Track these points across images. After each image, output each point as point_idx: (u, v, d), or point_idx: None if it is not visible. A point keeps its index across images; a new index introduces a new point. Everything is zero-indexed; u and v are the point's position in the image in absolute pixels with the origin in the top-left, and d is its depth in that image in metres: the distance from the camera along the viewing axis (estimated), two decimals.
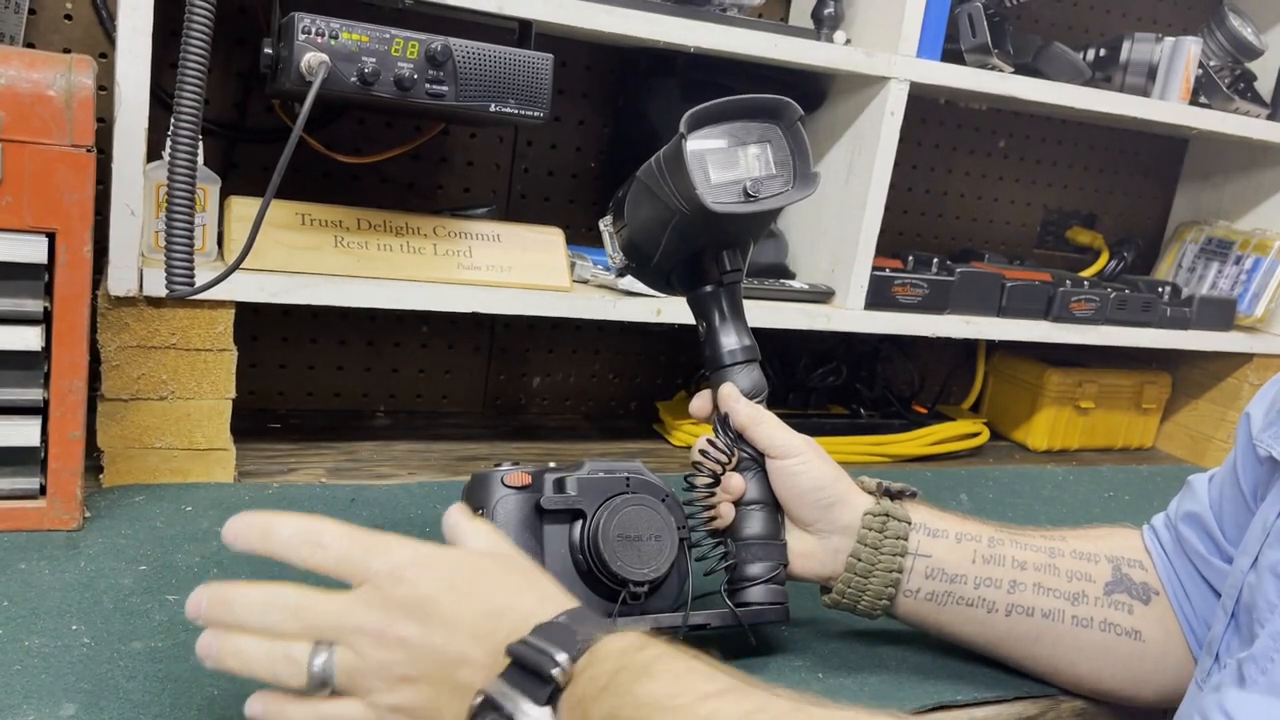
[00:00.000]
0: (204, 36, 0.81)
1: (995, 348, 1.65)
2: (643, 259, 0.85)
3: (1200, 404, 1.68)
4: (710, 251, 0.83)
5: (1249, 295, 1.59)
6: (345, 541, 0.58)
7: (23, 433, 0.85)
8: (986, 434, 1.54)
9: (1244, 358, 1.62)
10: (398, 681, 0.55)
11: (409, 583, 0.56)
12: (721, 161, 0.79)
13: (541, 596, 0.57)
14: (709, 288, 0.84)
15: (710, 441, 0.82)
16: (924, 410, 1.55)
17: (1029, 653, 0.82)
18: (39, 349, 0.83)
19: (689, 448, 1.35)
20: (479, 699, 0.52)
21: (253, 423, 1.19)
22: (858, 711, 0.50)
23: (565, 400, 1.46)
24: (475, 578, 0.57)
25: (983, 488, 1.36)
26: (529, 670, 0.52)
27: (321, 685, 0.55)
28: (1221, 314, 1.56)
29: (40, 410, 0.85)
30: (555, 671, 0.51)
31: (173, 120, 0.83)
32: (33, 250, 0.82)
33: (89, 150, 0.81)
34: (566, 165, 1.37)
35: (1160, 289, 1.54)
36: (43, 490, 0.87)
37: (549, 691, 0.51)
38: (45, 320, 0.84)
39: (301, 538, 0.59)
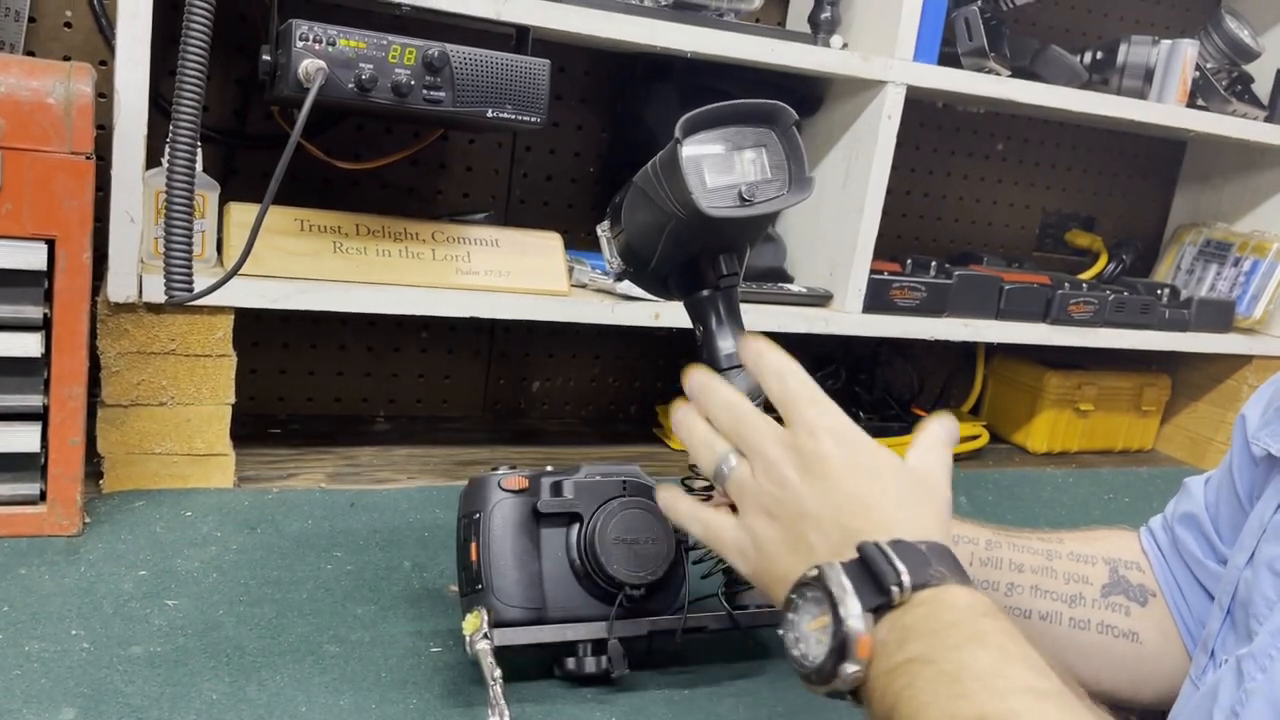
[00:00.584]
0: (203, 43, 0.81)
1: (994, 350, 1.65)
2: (640, 264, 0.85)
3: (1200, 406, 1.68)
4: (706, 256, 0.83)
5: (1248, 297, 1.59)
6: (801, 387, 0.63)
7: (23, 439, 0.85)
8: (986, 436, 1.54)
9: (1243, 359, 1.62)
10: (762, 511, 0.60)
11: (819, 442, 0.59)
12: (717, 166, 0.80)
13: (917, 520, 0.57)
14: (706, 292, 0.84)
15: None
16: (923, 413, 1.55)
17: None
18: (39, 355, 0.84)
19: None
20: (813, 572, 0.54)
21: (253, 428, 1.19)
22: None
23: (565, 404, 1.46)
24: (874, 468, 0.59)
25: (982, 490, 1.36)
26: (870, 573, 0.53)
27: (717, 479, 0.63)
28: (1220, 316, 1.56)
29: (40, 416, 0.86)
30: (894, 588, 0.51)
31: (172, 127, 0.84)
32: (32, 257, 0.82)
33: (88, 157, 0.82)
34: (565, 170, 1.37)
35: (1159, 291, 1.54)
36: (43, 496, 0.88)
37: (880, 603, 0.52)
38: (45, 326, 0.84)
39: (776, 367, 0.65)
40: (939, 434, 0.65)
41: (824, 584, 0.53)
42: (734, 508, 0.63)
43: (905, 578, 0.52)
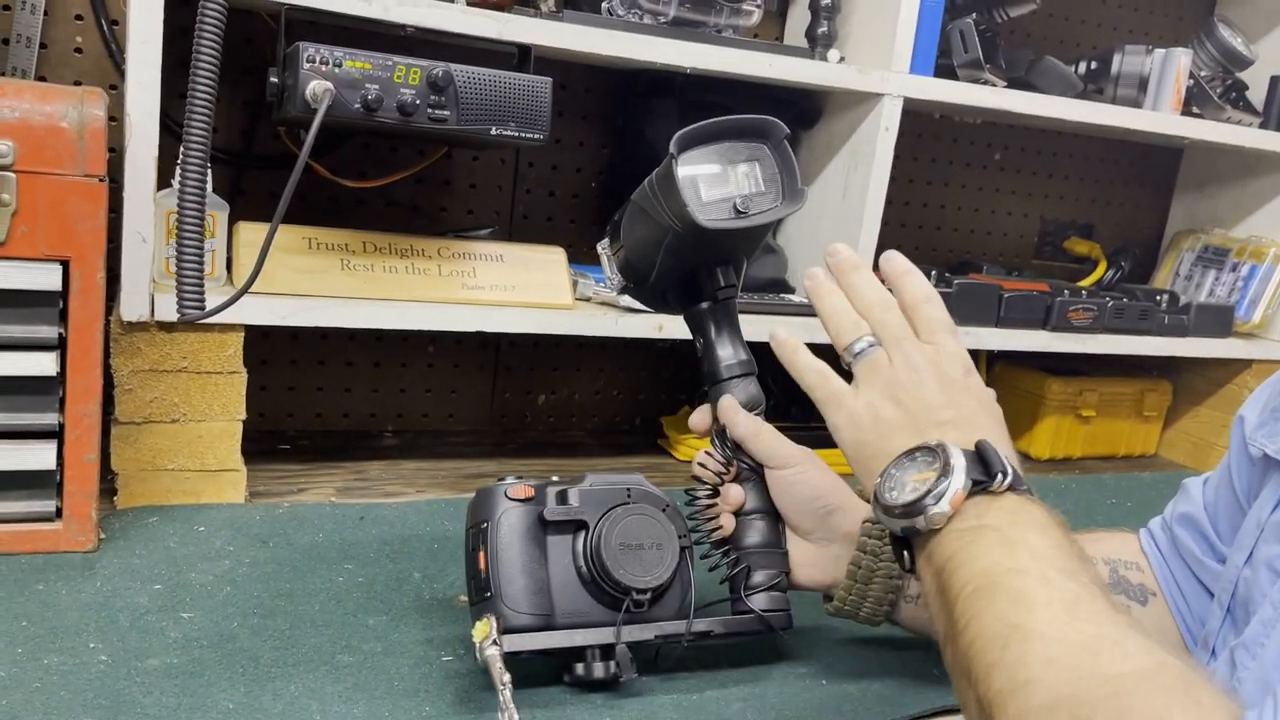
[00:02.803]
0: (213, 67, 0.83)
1: (995, 358, 1.67)
2: (640, 278, 0.87)
3: (1201, 410, 1.69)
4: (704, 269, 0.85)
5: (1246, 301, 1.60)
6: (942, 313, 0.71)
7: (39, 456, 0.87)
8: None
9: (1243, 364, 1.63)
10: (891, 397, 0.68)
11: (957, 370, 0.69)
12: (712, 180, 0.81)
13: (1013, 455, 0.64)
14: (704, 304, 0.86)
15: (709, 454, 0.83)
16: None
17: None
18: (54, 374, 0.86)
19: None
20: (935, 442, 0.62)
21: (262, 444, 1.21)
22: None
23: (570, 417, 1.48)
24: (994, 413, 0.69)
25: None
26: (983, 460, 0.60)
27: (849, 351, 0.71)
28: (1219, 321, 1.57)
29: (56, 434, 0.87)
30: (999, 474, 0.59)
31: (183, 149, 0.86)
32: (48, 278, 0.84)
33: (101, 180, 0.84)
34: (567, 186, 1.39)
35: (1158, 297, 1.55)
36: (59, 513, 0.89)
37: (982, 481, 0.59)
38: (60, 346, 0.86)
39: (927, 290, 0.72)
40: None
41: (943, 451, 0.60)
42: (848, 378, 0.71)
43: (1009, 472, 0.60)
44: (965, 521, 0.58)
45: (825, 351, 1.37)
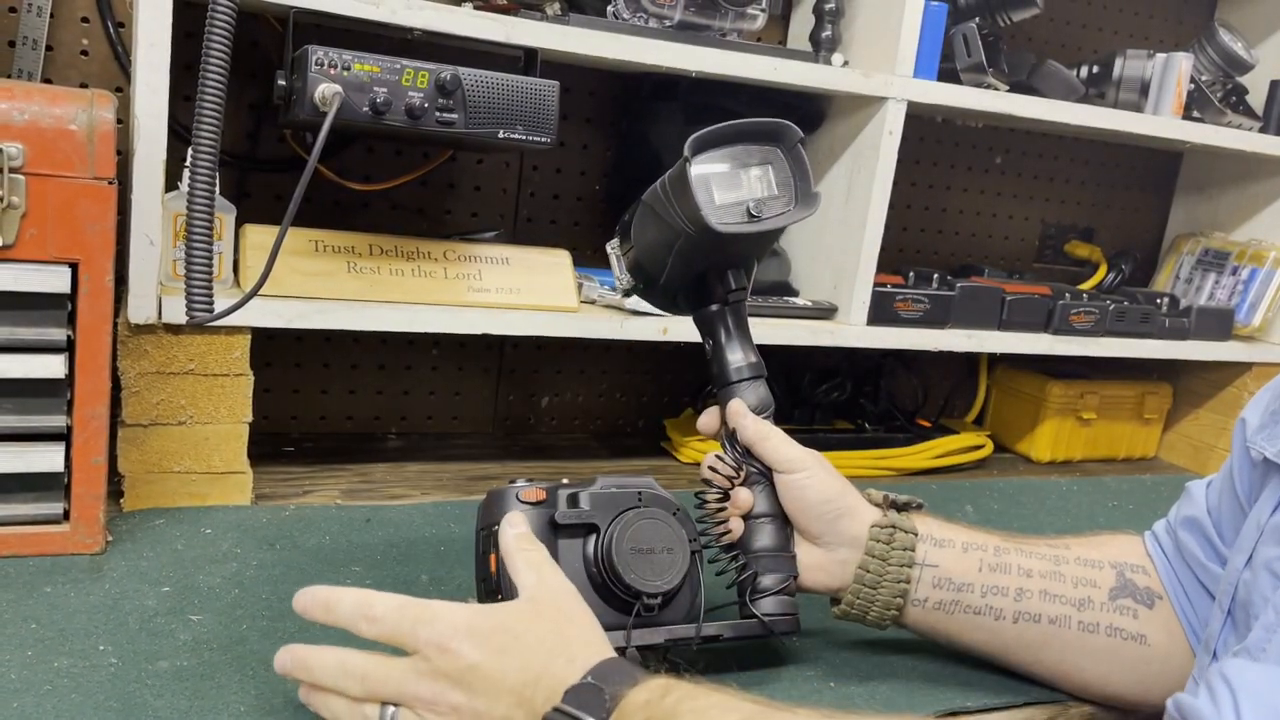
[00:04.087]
0: (222, 70, 0.83)
1: (997, 361, 1.67)
2: (649, 280, 0.87)
3: (1202, 413, 1.70)
4: (715, 271, 0.86)
5: (1246, 305, 1.61)
6: (395, 615, 0.65)
7: (47, 459, 0.87)
8: (990, 446, 1.55)
9: (1243, 367, 1.63)
10: None
11: (453, 654, 0.62)
12: (725, 183, 0.82)
13: (571, 655, 0.62)
14: (714, 307, 0.86)
15: (719, 457, 0.84)
16: (928, 424, 1.57)
17: (1036, 658, 0.83)
18: (62, 376, 0.86)
19: (697, 464, 1.36)
20: None
21: (267, 447, 1.20)
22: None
23: (574, 419, 1.48)
24: (513, 642, 0.63)
25: (987, 499, 1.37)
26: None
27: None
28: (1220, 324, 1.58)
29: (64, 436, 0.87)
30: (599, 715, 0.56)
31: (191, 152, 0.86)
32: (56, 280, 0.84)
33: (110, 182, 0.84)
34: (571, 189, 1.39)
35: (1159, 300, 1.56)
36: (66, 515, 0.89)
37: None
38: (68, 348, 0.86)
39: (358, 611, 0.66)
40: (512, 543, 0.70)
41: None
42: None
43: (588, 717, 0.57)
44: None
45: (832, 357, 1.37)
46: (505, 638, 0.63)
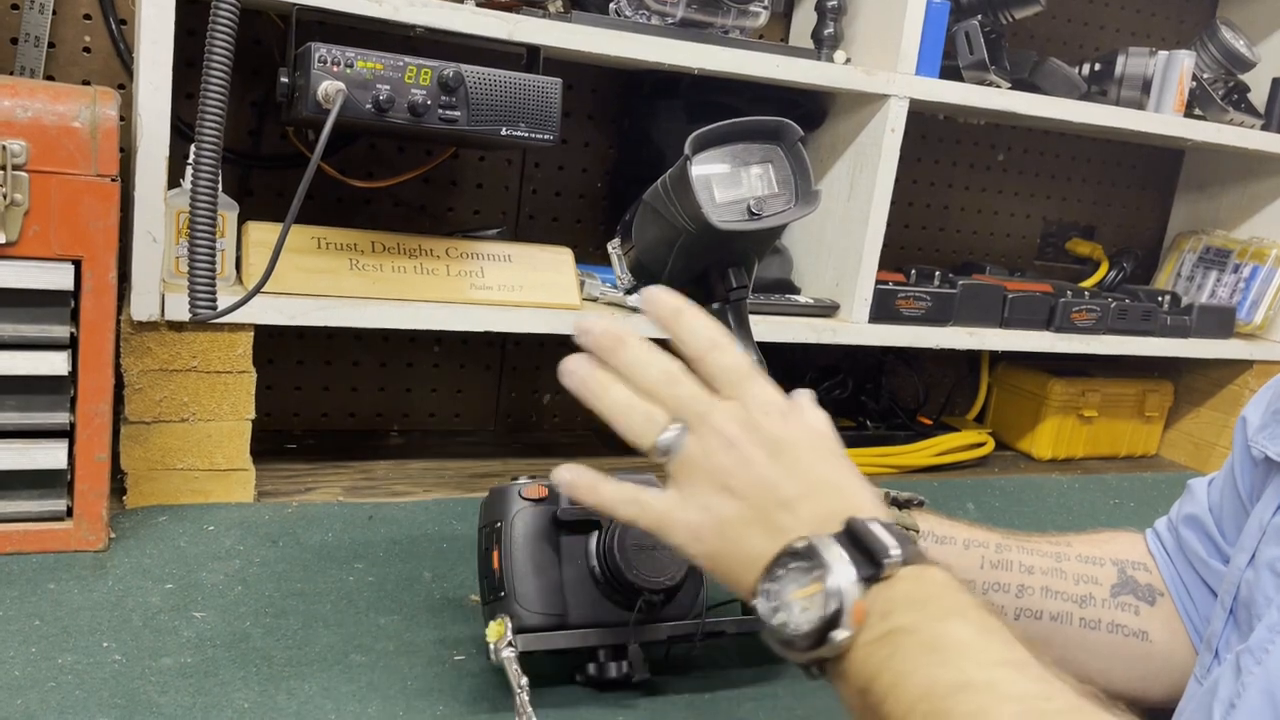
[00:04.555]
0: (225, 67, 0.83)
1: (998, 358, 1.67)
2: (650, 278, 0.87)
3: (1203, 411, 1.70)
4: (716, 270, 0.85)
5: (1248, 303, 1.61)
6: (742, 359, 0.60)
7: (50, 456, 0.87)
8: (991, 444, 1.55)
9: (1244, 364, 1.63)
10: (723, 489, 0.57)
11: (776, 421, 0.58)
12: (725, 182, 0.82)
13: (876, 504, 0.57)
14: (716, 305, 0.86)
15: None
16: (929, 421, 1.57)
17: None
18: (66, 373, 0.86)
19: None
20: (802, 544, 0.53)
21: (269, 444, 1.20)
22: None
23: (576, 417, 1.48)
24: (834, 455, 0.59)
25: (989, 497, 1.37)
26: (862, 546, 0.52)
27: (663, 454, 0.58)
28: (1221, 322, 1.58)
29: (67, 433, 0.88)
30: (887, 561, 0.51)
31: (194, 149, 0.86)
32: (60, 277, 0.84)
33: (113, 179, 0.84)
34: (573, 186, 1.39)
35: (1160, 298, 1.56)
36: (69, 512, 0.89)
37: (871, 573, 0.52)
38: (72, 345, 0.86)
39: (708, 333, 0.61)
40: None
41: (816, 553, 0.52)
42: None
43: (897, 551, 0.52)
44: (873, 631, 0.51)
45: (833, 354, 1.36)
46: (827, 445, 0.59)
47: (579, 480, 0.62)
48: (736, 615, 0.81)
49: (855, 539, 0.53)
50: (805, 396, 0.62)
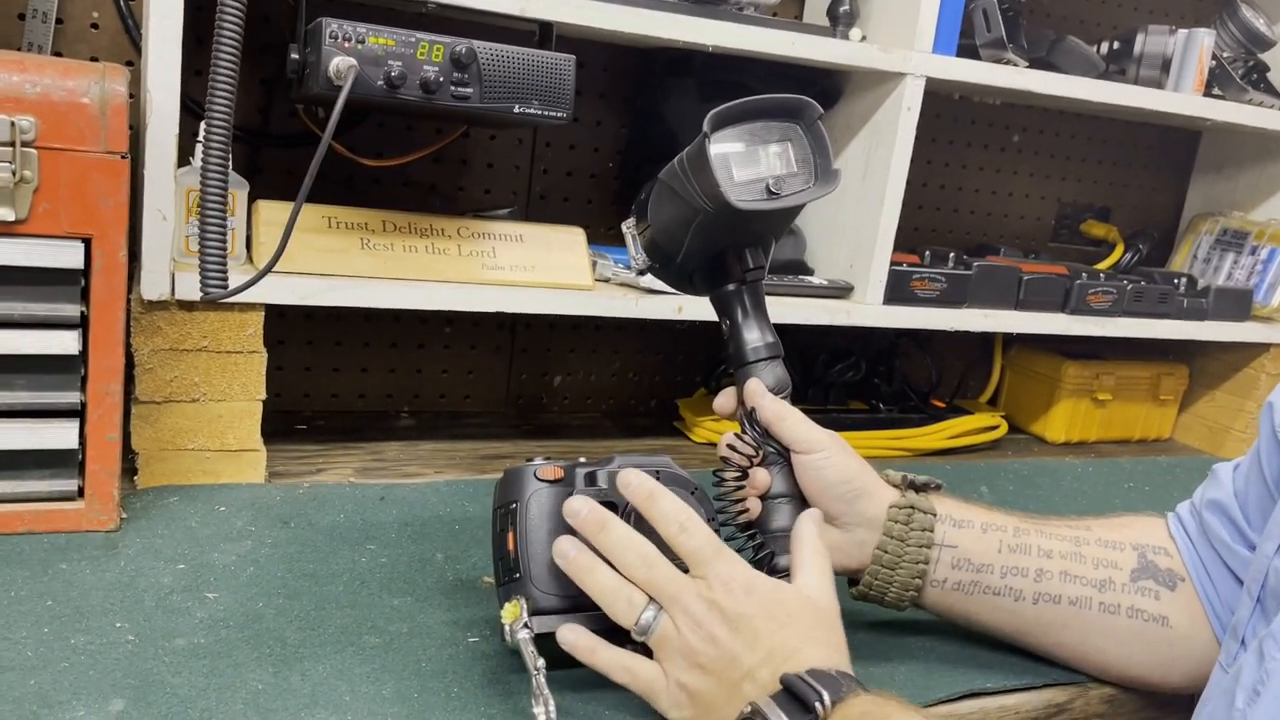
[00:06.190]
0: (235, 43, 0.82)
1: (1012, 341, 1.66)
2: (666, 259, 0.86)
3: (1218, 395, 1.68)
4: (733, 250, 0.84)
5: (1265, 285, 1.59)
6: (706, 539, 0.69)
7: (61, 435, 0.87)
8: (1005, 427, 1.54)
9: (1261, 348, 1.62)
10: (694, 666, 0.66)
11: (736, 598, 0.66)
12: (744, 160, 0.81)
13: (829, 651, 0.66)
14: (732, 286, 0.85)
15: (738, 436, 0.83)
16: (942, 404, 1.56)
17: (1057, 640, 0.82)
18: (76, 352, 0.85)
19: (710, 444, 1.36)
20: (748, 708, 0.62)
21: (279, 424, 1.20)
22: None
23: (586, 399, 1.47)
24: (787, 617, 0.67)
25: (1002, 480, 1.36)
26: (796, 699, 0.61)
27: (642, 634, 0.68)
28: (1238, 304, 1.57)
29: (78, 413, 0.87)
30: (817, 705, 0.60)
31: (205, 126, 0.85)
32: (70, 256, 0.83)
33: (123, 157, 0.83)
34: (585, 166, 1.38)
35: (1176, 280, 1.55)
36: (80, 492, 0.89)
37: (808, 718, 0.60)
38: (82, 324, 0.85)
39: (676, 517, 0.70)
40: (813, 542, 0.73)
41: (762, 714, 0.61)
42: (648, 651, 0.69)
43: (825, 695, 0.60)
44: None
45: (847, 336, 1.36)
46: (783, 611, 0.67)
47: (579, 643, 0.70)
48: None
49: (792, 693, 0.61)
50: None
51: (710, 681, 0.66)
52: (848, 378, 1.51)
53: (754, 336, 0.85)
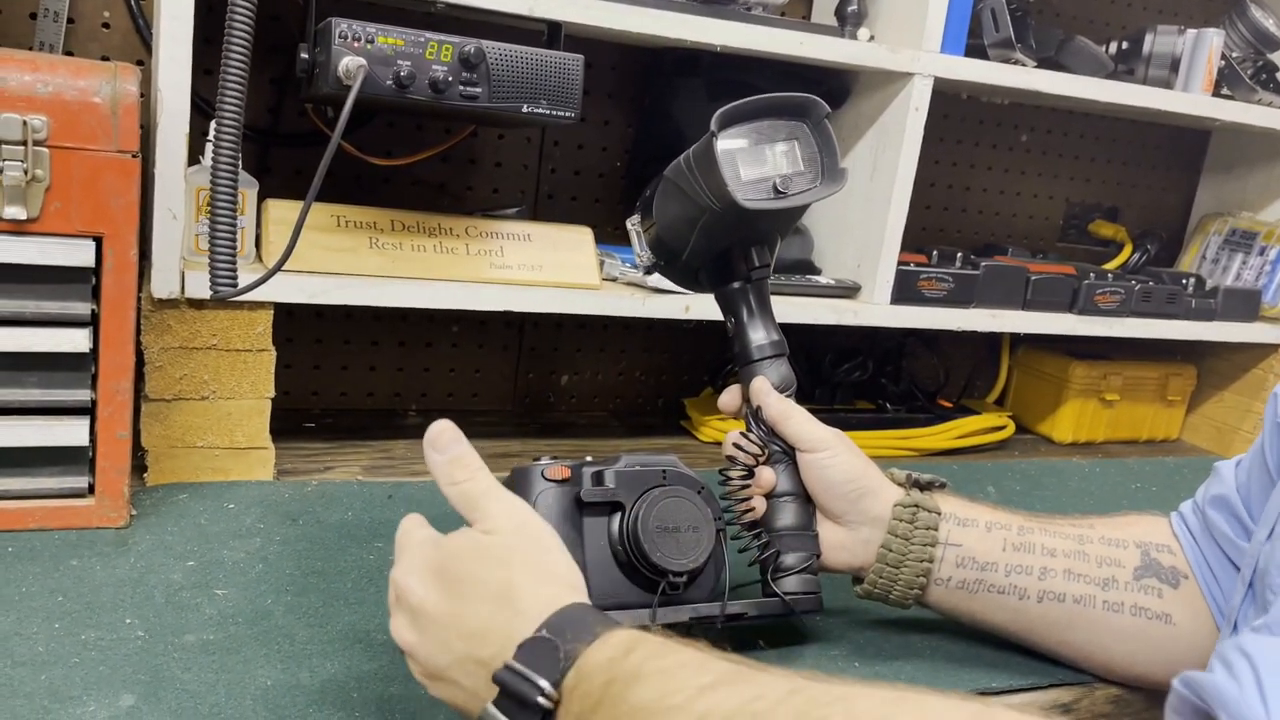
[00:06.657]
0: (245, 43, 0.83)
1: (1019, 341, 1.66)
2: (671, 256, 0.86)
3: (1226, 395, 1.68)
4: (739, 248, 0.85)
5: (1274, 286, 1.59)
6: (398, 537, 0.66)
7: (72, 432, 0.87)
8: (1012, 427, 1.54)
9: (1269, 348, 1.62)
10: (424, 674, 0.61)
11: (409, 594, 0.61)
12: (751, 159, 0.81)
13: (521, 605, 0.56)
14: (737, 284, 0.86)
15: (744, 435, 0.83)
16: (949, 404, 1.56)
17: (1061, 638, 0.83)
18: (87, 350, 0.86)
19: (716, 443, 1.36)
20: (482, 714, 0.55)
21: (288, 422, 1.20)
22: (852, 685, 0.49)
23: (594, 398, 1.48)
24: (464, 593, 0.58)
25: (1009, 480, 1.36)
26: (516, 700, 0.53)
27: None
28: (1246, 305, 1.56)
29: (88, 411, 0.88)
30: (540, 700, 0.52)
31: (215, 125, 0.85)
32: (81, 254, 0.84)
33: (134, 155, 0.84)
34: (593, 165, 1.38)
35: (1184, 281, 1.54)
36: (91, 489, 0.89)
37: (539, 717, 0.52)
38: (93, 322, 0.86)
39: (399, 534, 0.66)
40: (445, 472, 0.67)
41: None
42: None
43: (543, 682, 0.52)
44: None
45: (854, 336, 1.35)
46: (457, 586, 0.58)
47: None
48: (758, 598, 0.81)
49: (509, 693, 0.53)
50: (407, 530, 0.66)
51: (442, 688, 0.59)
52: (855, 377, 1.51)
53: (759, 335, 0.85)
